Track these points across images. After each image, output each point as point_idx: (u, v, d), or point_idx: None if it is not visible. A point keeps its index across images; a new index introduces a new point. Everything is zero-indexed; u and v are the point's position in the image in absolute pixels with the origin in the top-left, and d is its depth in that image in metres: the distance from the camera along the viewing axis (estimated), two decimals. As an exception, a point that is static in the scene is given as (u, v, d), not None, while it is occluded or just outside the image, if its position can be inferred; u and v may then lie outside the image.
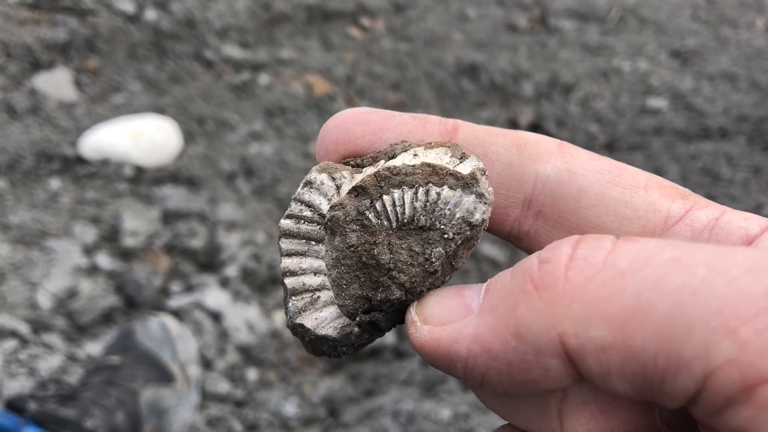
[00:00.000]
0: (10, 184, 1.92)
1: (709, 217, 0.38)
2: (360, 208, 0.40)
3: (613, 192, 0.39)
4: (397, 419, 1.46)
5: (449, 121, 0.43)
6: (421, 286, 0.39)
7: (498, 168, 0.41)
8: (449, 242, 0.39)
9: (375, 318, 0.40)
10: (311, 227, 0.41)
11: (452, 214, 0.39)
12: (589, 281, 0.30)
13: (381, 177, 0.40)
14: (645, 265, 0.29)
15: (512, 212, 0.42)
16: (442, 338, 0.34)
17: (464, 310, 0.34)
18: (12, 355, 1.50)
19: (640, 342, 0.28)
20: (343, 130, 0.42)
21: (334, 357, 0.42)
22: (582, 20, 2.95)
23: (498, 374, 0.32)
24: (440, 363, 0.34)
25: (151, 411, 1.32)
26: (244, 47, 2.58)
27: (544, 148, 0.41)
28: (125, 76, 2.37)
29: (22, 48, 2.33)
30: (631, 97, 2.55)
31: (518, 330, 0.31)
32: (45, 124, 2.12)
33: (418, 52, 2.68)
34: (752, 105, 2.51)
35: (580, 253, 0.31)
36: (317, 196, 0.41)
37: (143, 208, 1.86)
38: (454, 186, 0.39)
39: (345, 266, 0.40)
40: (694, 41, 2.85)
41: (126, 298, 1.64)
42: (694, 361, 0.27)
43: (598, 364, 0.29)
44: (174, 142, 2.08)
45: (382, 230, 0.39)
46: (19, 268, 1.68)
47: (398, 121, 0.42)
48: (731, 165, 2.21)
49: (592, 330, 0.29)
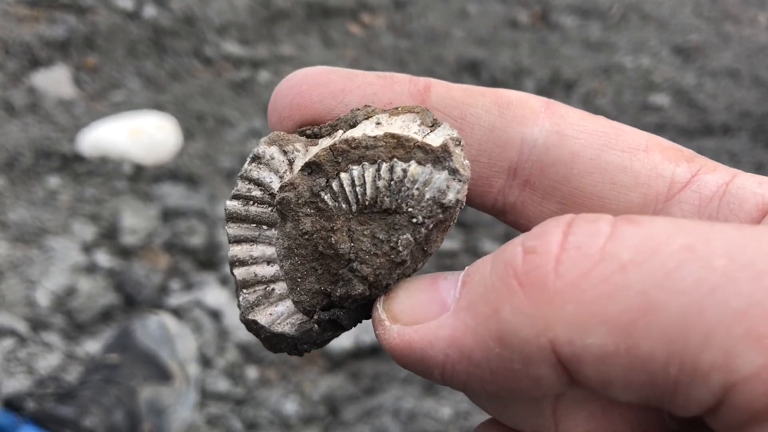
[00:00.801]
0: (8, 181, 1.91)
1: (719, 181, 0.34)
2: (314, 188, 0.34)
3: (610, 156, 0.35)
4: (398, 417, 1.45)
5: (420, 80, 0.37)
6: (388, 278, 0.33)
7: (478, 132, 0.36)
8: (418, 227, 0.33)
9: (336, 316, 0.35)
10: (261, 209, 0.36)
11: (421, 194, 0.33)
12: (585, 277, 0.25)
13: (338, 151, 0.34)
14: (652, 255, 0.24)
15: (495, 183, 0.37)
16: (414, 340, 0.29)
17: (439, 306, 0.30)
18: (11, 353, 1.49)
19: (647, 349, 0.24)
20: (297, 93, 0.37)
21: (294, 354, 0.38)
22: (584, 16, 2.94)
23: (481, 382, 0.28)
24: (414, 367, 0.30)
25: (150, 410, 1.31)
26: (243, 44, 2.57)
27: (529, 107, 0.36)
28: (124, 73, 2.36)
29: (21, 45, 2.32)
30: (633, 94, 2.53)
31: (502, 335, 0.26)
32: (44, 122, 2.11)
33: (419, 48, 2.67)
34: (755, 101, 2.50)
35: (573, 240, 0.26)
36: (267, 172, 0.36)
37: (142, 205, 1.85)
38: (422, 161, 0.33)
39: (299, 256, 0.35)
40: (697, 37, 2.84)
41: (125, 297, 1.63)
42: (713, 372, 0.23)
43: (597, 373, 0.25)
44: (173, 140, 2.07)
45: (340, 214, 0.34)
46: (17, 266, 1.67)
47: (362, 82, 0.37)
48: (734, 161, 2.20)
49: (589, 336, 0.24)
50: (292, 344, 0.37)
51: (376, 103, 0.37)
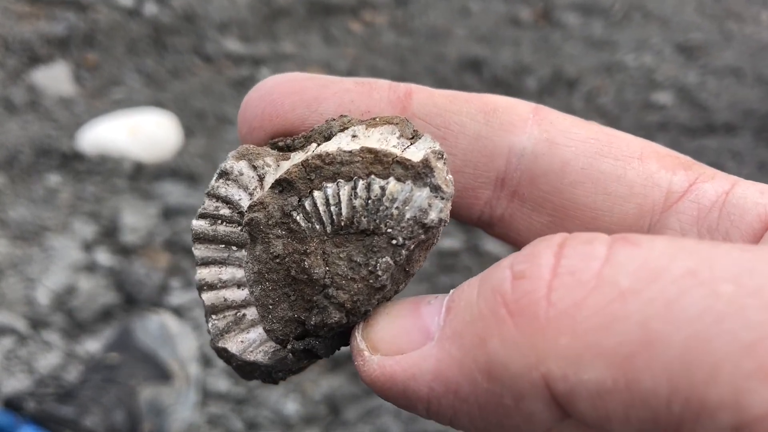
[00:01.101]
0: (8, 179, 1.91)
1: (718, 190, 0.32)
2: (285, 207, 0.32)
3: (603, 165, 0.33)
4: (399, 417, 1.45)
5: (401, 86, 0.35)
6: (366, 305, 0.31)
7: (463, 142, 0.34)
8: (399, 249, 0.30)
9: (311, 345, 0.33)
10: (230, 229, 0.34)
11: (401, 214, 0.30)
12: (580, 306, 0.23)
13: (311, 167, 0.32)
14: (652, 282, 0.22)
15: (482, 194, 0.35)
16: (396, 372, 0.27)
17: (422, 335, 0.27)
18: (10, 352, 1.49)
19: (648, 385, 0.22)
20: (269, 103, 0.35)
21: (269, 383, 0.36)
22: (586, 14, 2.93)
23: (469, 417, 0.26)
24: (397, 401, 0.28)
25: (150, 409, 1.31)
26: (244, 42, 2.56)
27: (517, 114, 0.34)
28: (125, 70, 2.35)
29: (21, 42, 2.31)
30: (635, 92, 2.52)
31: (490, 368, 0.24)
32: (44, 120, 2.11)
33: (420, 46, 2.66)
34: (758, 100, 2.49)
35: (566, 265, 0.24)
36: (236, 189, 0.34)
37: (143, 204, 1.84)
38: (402, 177, 0.31)
39: (270, 282, 0.32)
40: (700, 36, 2.82)
41: (125, 295, 1.62)
42: (721, 410, 0.21)
43: (593, 410, 0.23)
44: (174, 138, 2.06)
45: (314, 236, 0.31)
46: (17, 265, 1.67)
47: (338, 89, 0.34)
48: (737, 160, 2.19)
49: (585, 371, 0.22)
50: (266, 372, 0.35)
51: (354, 111, 0.34)
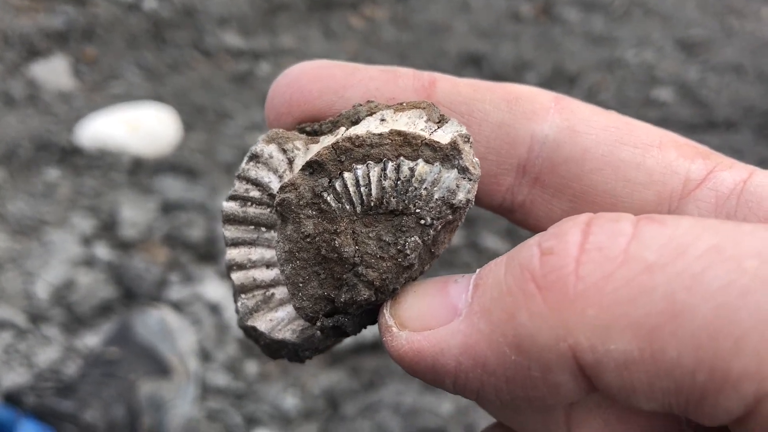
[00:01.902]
0: (7, 174, 1.90)
1: (736, 179, 0.33)
2: (316, 188, 0.32)
3: (623, 152, 0.34)
4: (398, 412, 1.45)
5: (425, 75, 0.36)
6: (395, 283, 0.32)
7: (486, 129, 0.35)
8: (427, 229, 0.31)
9: (340, 322, 0.34)
10: (260, 210, 0.35)
11: (429, 194, 0.31)
12: (608, 279, 0.24)
13: (341, 149, 0.32)
14: (678, 256, 0.23)
15: (504, 180, 0.36)
16: (424, 348, 0.28)
17: (449, 311, 0.28)
18: (10, 346, 1.49)
19: (674, 355, 0.22)
20: (296, 89, 0.35)
21: (295, 361, 0.36)
22: (587, 10, 2.92)
23: (496, 391, 0.27)
24: (424, 376, 0.29)
25: (149, 404, 1.31)
26: (243, 36, 2.55)
27: (539, 103, 0.35)
28: (124, 64, 2.35)
29: (20, 36, 2.31)
30: (636, 89, 2.52)
31: (519, 341, 0.25)
32: (43, 114, 2.10)
33: (421, 41, 2.65)
34: (759, 96, 2.49)
35: (594, 241, 0.25)
36: (265, 172, 0.34)
37: (142, 198, 1.84)
38: (430, 159, 0.31)
39: (301, 260, 0.33)
40: (700, 32, 2.82)
41: (124, 290, 1.62)
42: (744, 380, 0.22)
43: (619, 380, 0.24)
44: (173, 132, 2.06)
45: (344, 216, 0.32)
46: (16, 259, 1.66)
47: (364, 76, 0.35)
48: (737, 157, 2.17)
49: (612, 342, 0.23)
50: (293, 351, 0.36)
51: (379, 98, 0.35)
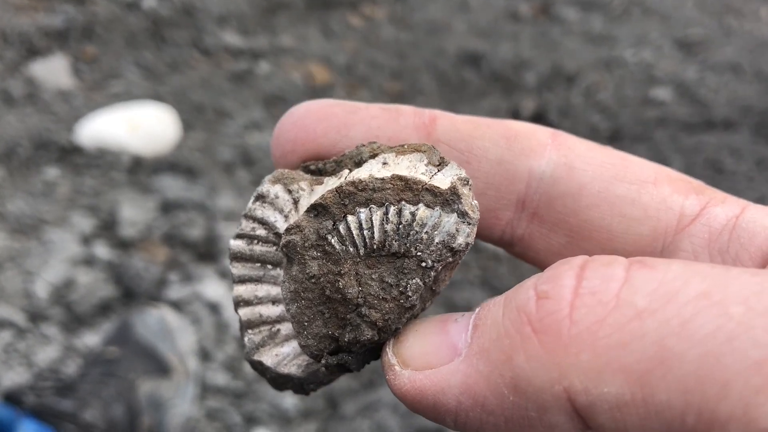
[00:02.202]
0: (7, 173, 1.90)
1: (728, 214, 0.33)
2: (320, 231, 0.34)
3: (618, 189, 0.35)
4: (397, 412, 1.45)
5: (425, 113, 0.37)
6: (397, 323, 0.33)
7: (486, 166, 0.36)
8: (428, 271, 0.33)
9: (344, 360, 0.35)
10: (266, 248, 0.36)
11: (430, 238, 0.32)
12: (600, 324, 0.25)
13: (344, 193, 0.33)
14: (668, 302, 0.24)
15: (503, 215, 0.37)
16: (425, 387, 0.29)
17: (450, 351, 0.29)
18: (9, 345, 1.49)
19: (663, 398, 0.23)
20: (301, 128, 0.36)
21: (300, 393, 0.37)
22: (585, 9, 2.92)
23: (496, 429, 0.28)
24: (426, 414, 0.30)
25: (149, 403, 1.31)
26: (243, 35, 2.55)
27: (537, 140, 0.36)
28: (123, 63, 2.35)
29: (19, 35, 2.30)
30: (634, 88, 2.52)
31: (516, 383, 0.26)
32: (42, 112, 2.10)
33: (420, 40, 2.65)
34: (757, 96, 2.49)
35: (587, 286, 0.26)
36: (271, 212, 0.36)
37: (141, 197, 1.84)
38: (431, 204, 0.33)
39: (306, 300, 0.34)
40: (699, 31, 2.82)
41: (124, 289, 1.63)
42: (731, 423, 0.22)
43: (612, 422, 0.25)
44: (172, 131, 2.06)
45: (347, 258, 0.33)
46: (16, 258, 1.67)
47: (365, 115, 0.37)
48: (735, 157, 2.20)
49: (605, 385, 0.24)
50: (299, 384, 0.37)
51: (381, 137, 0.36)
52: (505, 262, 1.78)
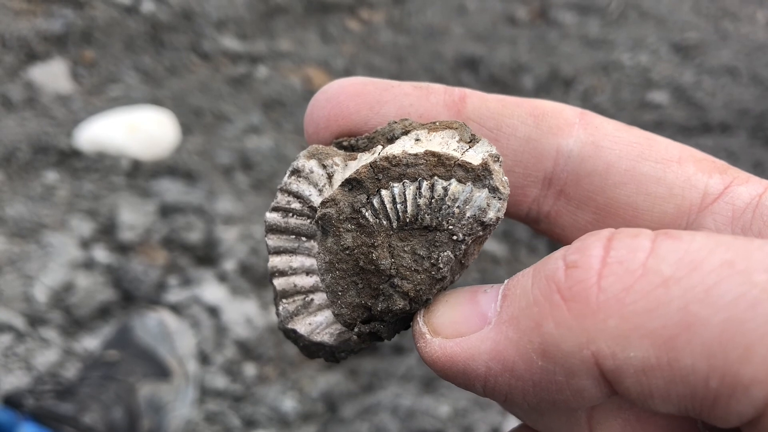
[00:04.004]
0: (6, 176, 1.90)
1: (752, 193, 0.34)
2: (355, 204, 0.35)
3: (644, 167, 0.35)
4: (396, 414, 1.45)
5: (455, 91, 0.38)
6: (428, 294, 0.34)
7: (514, 143, 0.37)
8: (459, 244, 0.33)
9: (376, 329, 0.36)
10: (301, 221, 0.37)
11: (462, 212, 0.33)
12: (627, 291, 0.25)
13: (378, 168, 0.34)
14: (693, 270, 0.25)
15: (530, 192, 0.37)
16: (456, 354, 0.30)
17: (479, 320, 0.30)
18: (8, 349, 1.49)
19: (688, 362, 0.24)
20: (335, 105, 0.37)
21: (331, 361, 0.39)
22: (582, 13, 2.93)
23: (523, 394, 0.29)
24: (456, 380, 0.31)
25: (149, 406, 1.31)
26: (241, 39, 2.56)
27: (564, 118, 0.37)
28: (122, 68, 2.35)
29: (18, 39, 2.31)
30: (631, 91, 2.53)
31: (545, 348, 0.27)
32: (41, 117, 2.10)
33: (418, 45, 2.66)
34: (753, 99, 2.50)
35: (615, 255, 0.26)
36: (306, 186, 0.37)
37: (140, 201, 1.85)
38: (463, 179, 0.33)
39: (340, 271, 0.35)
40: (695, 35, 2.83)
41: (123, 293, 1.63)
42: (754, 386, 0.23)
43: (638, 385, 0.26)
44: (171, 135, 2.06)
45: (381, 230, 0.34)
46: (15, 262, 1.67)
47: (397, 92, 0.37)
48: (732, 159, 2.20)
49: (631, 349, 0.25)
50: (330, 352, 0.38)
51: (412, 114, 0.37)
52: (504, 265, 1.79)
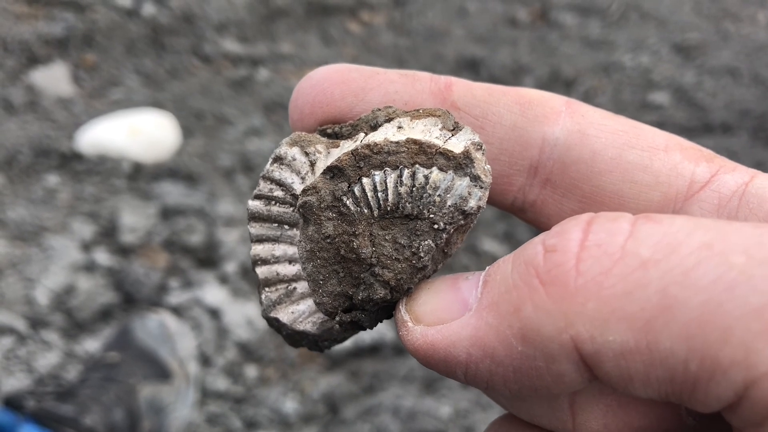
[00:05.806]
0: (7, 180, 1.91)
1: (738, 181, 0.34)
2: (336, 192, 0.34)
3: (630, 155, 0.35)
4: (397, 416, 1.45)
5: (441, 79, 0.37)
6: (409, 283, 0.34)
7: (500, 131, 0.36)
8: (440, 233, 0.33)
9: (357, 318, 0.36)
10: (283, 209, 0.37)
11: (443, 201, 0.33)
12: (606, 275, 0.25)
13: (360, 156, 0.34)
14: (671, 253, 0.24)
15: (516, 181, 0.37)
16: (437, 341, 0.30)
17: (460, 306, 0.30)
18: (10, 351, 1.49)
19: (667, 345, 0.24)
20: (319, 91, 0.37)
21: (314, 350, 0.38)
22: (583, 14, 2.93)
23: (504, 380, 0.28)
24: (438, 367, 0.30)
25: (149, 408, 1.31)
26: (242, 42, 2.56)
27: (551, 107, 0.36)
28: (123, 71, 2.36)
29: (20, 43, 2.32)
30: (632, 92, 2.53)
31: (524, 333, 0.27)
32: (42, 120, 2.11)
33: (418, 46, 2.66)
34: (754, 99, 2.50)
35: (593, 239, 0.26)
36: (289, 173, 0.36)
37: (141, 204, 1.85)
38: (444, 167, 0.33)
39: (321, 259, 0.35)
40: (696, 35, 2.83)
41: (124, 295, 1.63)
42: (732, 368, 0.23)
43: (617, 369, 0.25)
44: (172, 138, 2.07)
45: (362, 219, 0.34)
46: (16, 265, 1.67)
47: (383, 80, 0.37)
48: (733, 160, 2.19)
49: (610, 333, 0.25)
50: (313, 341, 0.38)
51: (398, 101, 0.37)
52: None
